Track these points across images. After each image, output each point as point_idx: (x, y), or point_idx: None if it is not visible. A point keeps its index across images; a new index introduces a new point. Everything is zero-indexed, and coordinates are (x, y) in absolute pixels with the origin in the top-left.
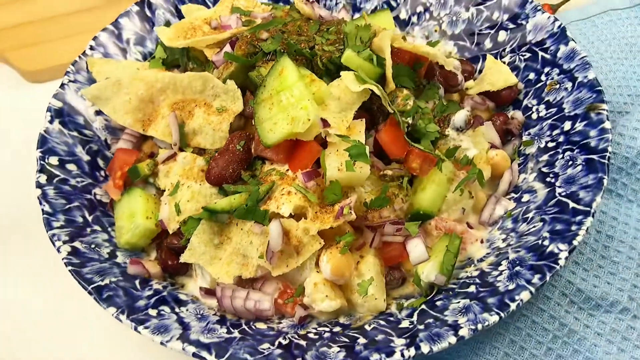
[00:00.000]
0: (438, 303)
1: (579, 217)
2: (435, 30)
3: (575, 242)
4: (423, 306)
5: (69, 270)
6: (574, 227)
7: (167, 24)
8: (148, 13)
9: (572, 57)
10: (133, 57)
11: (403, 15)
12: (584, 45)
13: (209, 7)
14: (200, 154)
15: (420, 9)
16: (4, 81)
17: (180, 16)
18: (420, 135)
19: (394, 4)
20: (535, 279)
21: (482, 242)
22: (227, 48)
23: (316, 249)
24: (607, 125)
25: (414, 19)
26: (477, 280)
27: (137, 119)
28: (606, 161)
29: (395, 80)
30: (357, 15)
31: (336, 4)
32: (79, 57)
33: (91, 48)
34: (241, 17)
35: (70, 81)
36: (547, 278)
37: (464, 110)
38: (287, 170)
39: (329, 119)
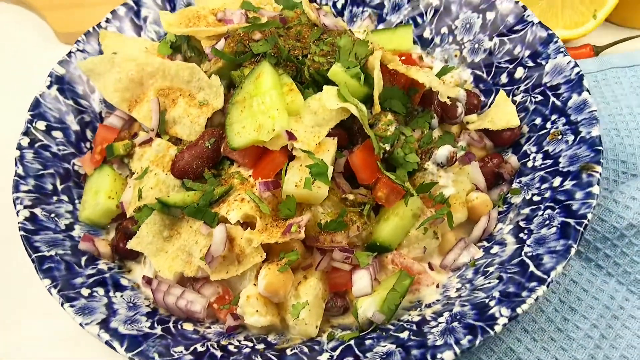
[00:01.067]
0: (367, 342)
1: (532, 284)
2: (455, 55)
3: (519, 310)
4: (351, 342)
5: (21, 236)
6: (524, 294)
7: (188, 6)
8: None
9: (582, 109)
10: (147, 36)
11: (427, 34)
12: (615, 95)
13: None
14: (176, 143)
15: (444, 30)
16: (40, 40)
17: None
18: (397, 164)
19: (419, 20)
20: (465, 341)
21: (437, 286)
22: (221, 43)
23: (257, 261)
24: (594, 189)
25: (437, 39)
26: (414, 327)
27: (124, 99)
28: (581, 229)
29: (386, 103)
30: (381, 26)
31: (362, 11)
32: (93, 28)
33: (107, 21)
34: (247, 12)
35: (78, 50)
36: (477, 342)
37: (448, 146)
38: (250, 175)
39: (300, 132)
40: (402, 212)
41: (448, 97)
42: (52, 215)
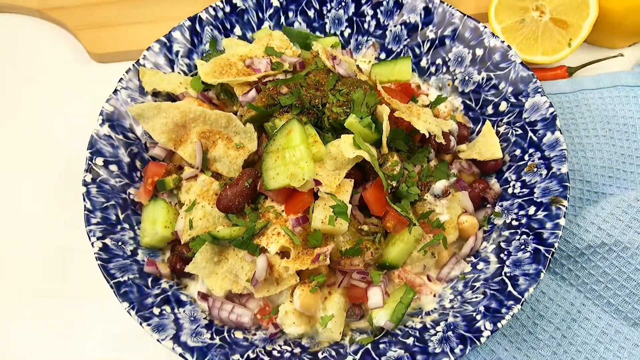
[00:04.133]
0: (381, 346)
1: (510, 302)
2: (448, 85)
3: (499, 325)
4: (369, 345)
5: (98, 265)
6: (503, 310)
7: (213, 41)
8: (198, 28)
9: (555, 146)
10: (179, 69)
11: (423, 63)
12: (584, 117)
13: (250, 42)
14: (217, 178)
15: (439, 61)
16: (73, 57)
17: (225, 33)
18: (401, 196)
19: (417, 51)
20: (457, 350)
21: (434, 295)
22: (252, 93)
23: (292, 284)
24: (561, 222)
25: (432, 69)
26: (417, 334)
27: (170, 139)
28: (549, 256)
29: (392, 143)
30: (383, 54)
31: (367, 40)
32: (133, 65)
33: (144, 57)
34: (271, 59)
35: (122, 88)
36: (467, 351)
37: (443, 181)
38: (283, 211)
39: (323, 175)
40: (407, 238)
41: (442, 131)
42: (120, 243)
